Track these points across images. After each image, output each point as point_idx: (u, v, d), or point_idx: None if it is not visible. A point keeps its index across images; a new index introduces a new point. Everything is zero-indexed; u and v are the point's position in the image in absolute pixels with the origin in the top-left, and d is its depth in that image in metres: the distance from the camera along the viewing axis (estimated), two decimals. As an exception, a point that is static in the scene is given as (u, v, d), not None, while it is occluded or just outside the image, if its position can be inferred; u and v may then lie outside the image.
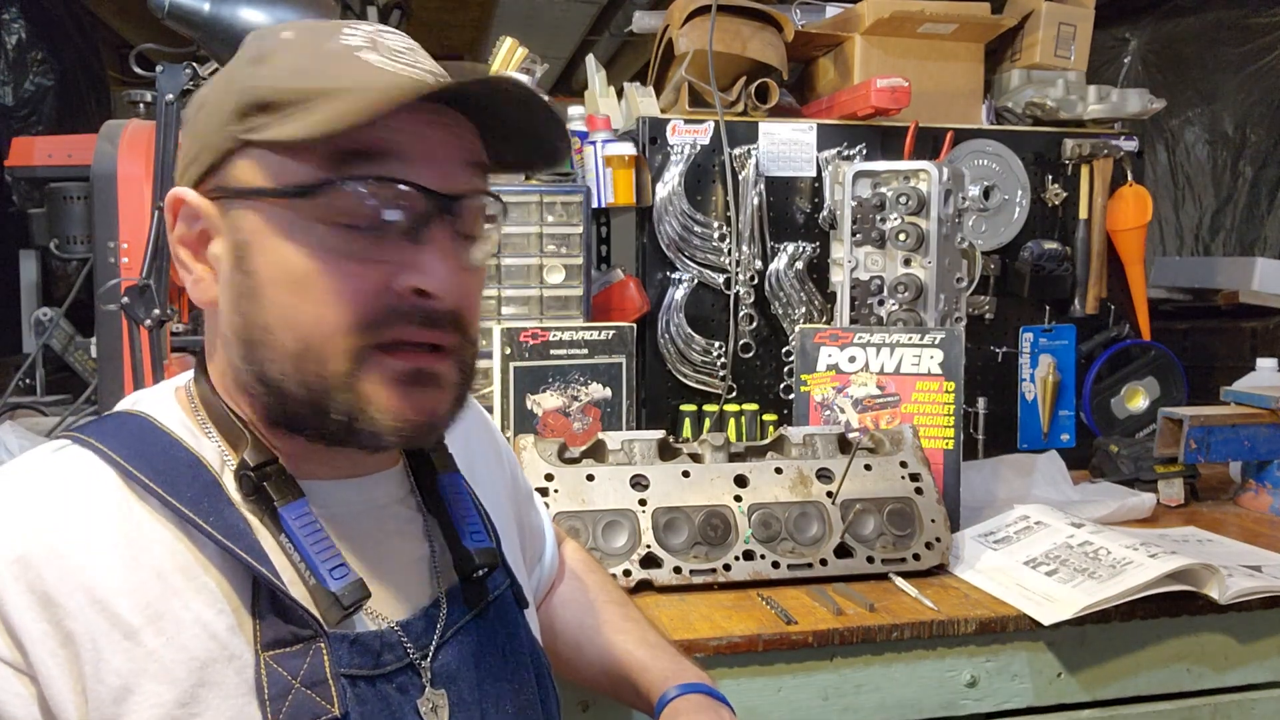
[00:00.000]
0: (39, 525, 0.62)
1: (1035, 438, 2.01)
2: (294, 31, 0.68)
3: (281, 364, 0.65)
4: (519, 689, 0.79)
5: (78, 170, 1.77)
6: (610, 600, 1.04)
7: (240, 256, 0.66)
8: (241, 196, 0.65)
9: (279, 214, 0.64)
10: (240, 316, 0.66)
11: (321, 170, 0.63)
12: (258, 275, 0.65)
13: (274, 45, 0.67)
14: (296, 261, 0.64)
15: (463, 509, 0.79)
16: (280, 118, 0.63)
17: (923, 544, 1.36)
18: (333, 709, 0.65)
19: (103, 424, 0.70)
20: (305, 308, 0.64)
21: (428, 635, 0.73)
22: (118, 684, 0.60)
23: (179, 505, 0.64)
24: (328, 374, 0.64)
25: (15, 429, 1.63)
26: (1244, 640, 1.31)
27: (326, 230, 0.64)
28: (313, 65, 0.64)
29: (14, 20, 2.61)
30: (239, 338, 0.66)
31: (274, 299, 0.64)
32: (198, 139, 0.68)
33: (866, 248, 1.66)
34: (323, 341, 0.64)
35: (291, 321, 0.64)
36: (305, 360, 0.64)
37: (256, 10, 1.25)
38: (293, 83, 0.63)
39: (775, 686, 1.19)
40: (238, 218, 0.66)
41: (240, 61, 0.68)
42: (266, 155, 0.64)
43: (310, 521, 0.68)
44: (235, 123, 0.65)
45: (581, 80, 2.10)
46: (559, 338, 1.65)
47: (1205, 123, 2.90)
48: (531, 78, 1.76)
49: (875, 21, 1.87)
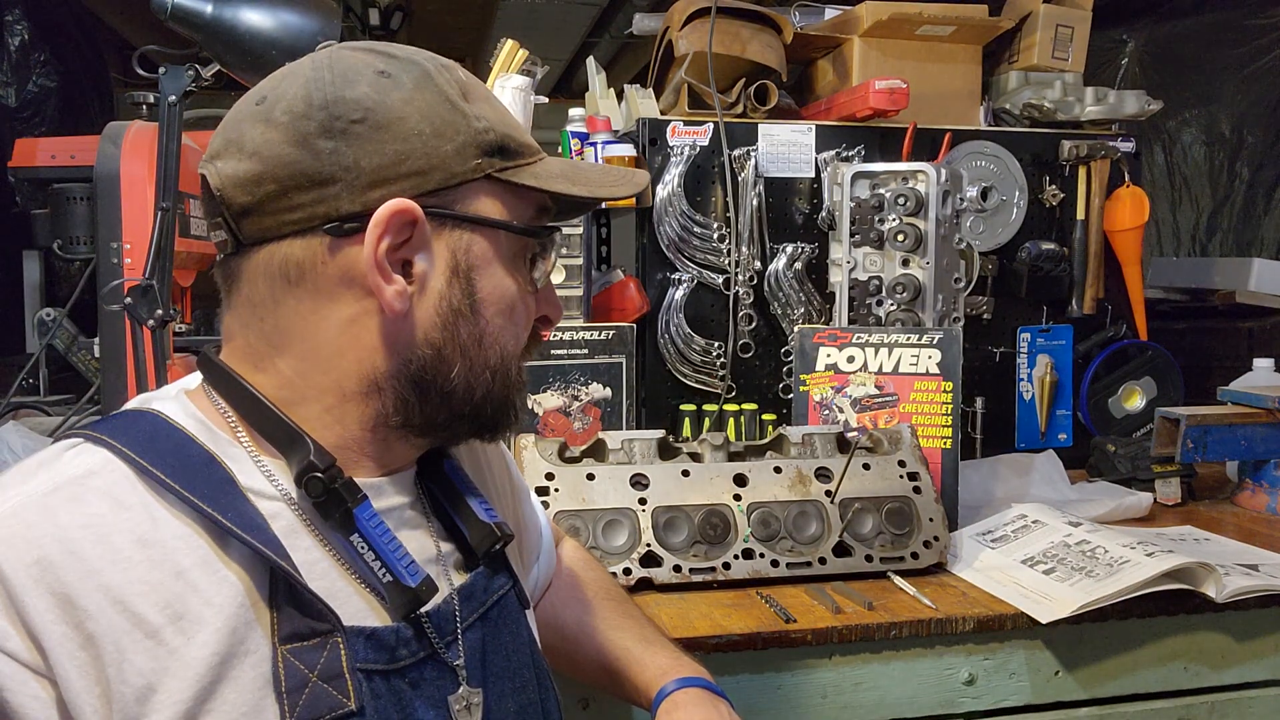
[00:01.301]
0: (57, 526, 0.62)
1: (1033, 437, 2.02)
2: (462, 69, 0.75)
3: (480, 375, 0.73)
4: (520, 688, 0.80)
5: (81, 171, 1.78)
6: (608, 597, 1.05)
7: (464, 276, 0.72)
8: (478, 224, 0.72)
9: (504, 246, 0.74)
10: (448, 330, 0.71)
11: (532, 217, 0.76)
12: (478, 296, 0.72)
13: (464, 80, 0.74)
14: (510, 289, 0.74)
15: (472, 491, 0.82)
16: (516, 164, 0.73)
17: (921, 543, 1.36)
18: (349, 703, 0.66)
19: (114, 421, 0.70)
20: (510, 329, 0.75)
21: (440, 632, 0.74)
22: (141, 683, 0.61)
23: (195, 500, 0.65)
24: (512, 384, 0.76)
25: (18, 429, 1.64)
26: (1241, 639, 1.32)
27: (525, 265, 0.76)
28: (509, 117, 0.75)
29: (17, 22, 2.62)
30: (433, 347, 0.71)
31: (489, 319, 0.73)
32: (425, 157, 0.68)
33: (865, 248, 1.67)
34: (513, 357, 0.76)
35: (499, 340, 0.74)
36: (501, 372, 0.75)
37: (258, 12, 1.25)
38: (516, 135, 0.74)
39: (774, 684, 1.20)
40: (466, 240, 0.72)
41: (446, 90, 0.71)
42: (505, 194, 0.73)
43: (380, 521, 0.71)
44: (479, 157, 0.71)
45: (582, 82, 2.11)
46: (559, 338, 1.66)
47: (1202, 124, 2.90)
48: (532, 80, 1.77)
49: (874, 23, 1.88)
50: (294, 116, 0.67)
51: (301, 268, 0.68)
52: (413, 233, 0.69)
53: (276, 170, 0.67)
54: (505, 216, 0.73)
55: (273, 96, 0.69)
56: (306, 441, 0.69)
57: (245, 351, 0.72)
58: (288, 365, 0.71)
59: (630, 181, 0.80)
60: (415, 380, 0.71)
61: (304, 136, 0.67)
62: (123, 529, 0.63)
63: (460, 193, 0.71)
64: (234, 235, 0.70)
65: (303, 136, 0.67)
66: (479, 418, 0.75)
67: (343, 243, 0.68)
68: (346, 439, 0.72)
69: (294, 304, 0.69)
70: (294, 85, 0.69)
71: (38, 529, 0.62)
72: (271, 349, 0.71)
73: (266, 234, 0.68)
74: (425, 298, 0.70)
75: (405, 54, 0.72)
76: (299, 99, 0.68)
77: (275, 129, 0.67)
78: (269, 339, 0.71)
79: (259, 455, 0.70)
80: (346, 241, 0.68)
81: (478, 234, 0.72)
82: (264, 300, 0.70)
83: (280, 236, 0.68)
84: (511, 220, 0.73)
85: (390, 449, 0.75)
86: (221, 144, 0.70)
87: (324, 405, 0.71)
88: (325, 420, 0.71)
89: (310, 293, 0.69)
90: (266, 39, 1.24)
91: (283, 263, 0.68)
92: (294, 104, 0.68)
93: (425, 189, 0.69)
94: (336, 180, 0.67)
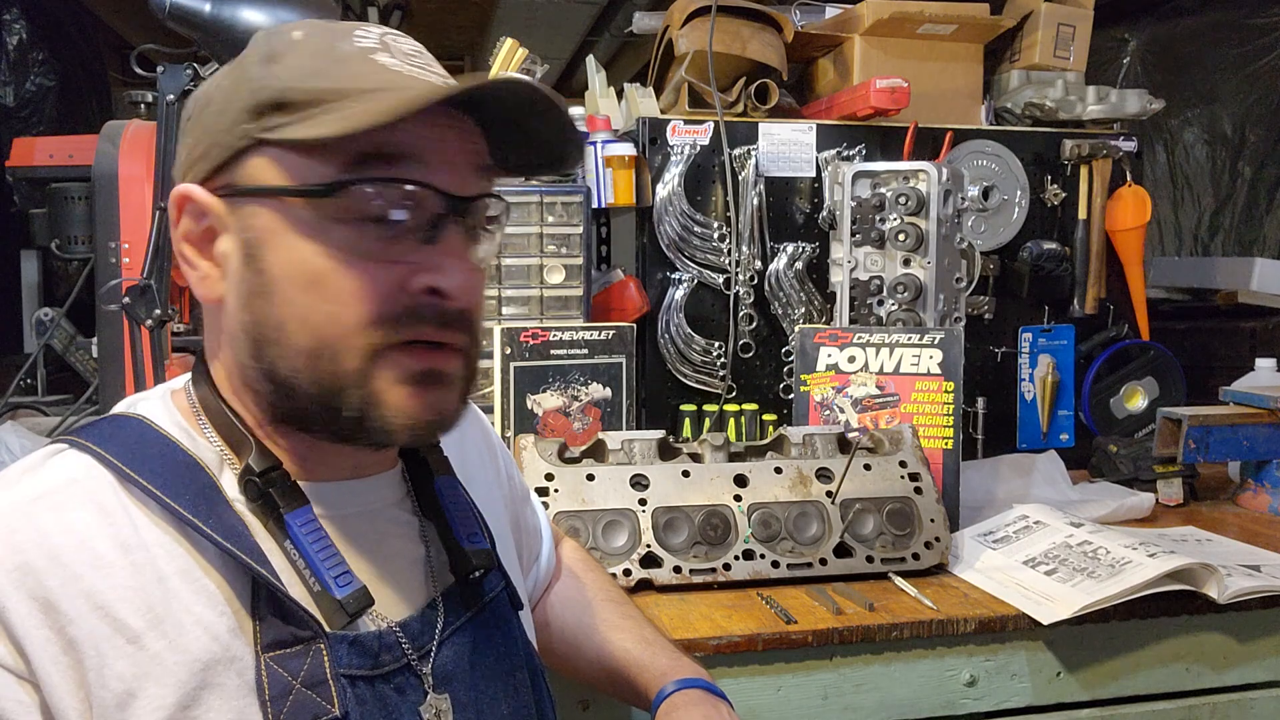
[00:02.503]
0: (39, 532, 0.62)
1: (1034, 437, 2.01)
2: (305, 32, 0.68)
3: (293, 361, 0.65)
4: (514, 691, 0.79)
5: (79, 170, 1.78)
6: (608, 598, 1.04)
7: (252, 254, 0.66)
8: (256, 195, 0.65)
9: (296, 213, 0.64)
10: (250, 314, 0.66)
11: (339, 171, 0.64)
12: (271, 273, 0.65)
13: (286, 45, 0.67)
14: (313, 260, 0.64)
15: (459, 511, 0.80)
16: (298, 118, 0.63)
17: (922, 543, 1.36)
18: (333, 709, 0.65)
19: (99, 427, 0.70)
20: (320, 306, 0.64)
21: (425, 637, 0.73)
22: (121, 689, 0.61)
23: (177, 508, 0.64)
24: (341, 371, 0.65)
25: (16, 429, 1.64)
26: (1243, 640, 1.32)
27: (343, 230, 0.64)
28: (328, 66, 0.65)
29: (15, 21, 2.62)
30: (248, 335, 0.66)
31: (288, 296, 0.64)
32: (205, 136, 0.67)
33: (866, 248, 1.66)
34: (337, 339, 0.64)
35: (305, 319, 0.64)
36: (319, 358, 0.65)
37: (257, 11, 1.25)
38: (309, 83, 0.64)
39: (775, 686, 1.19)
40: (249, 215, 0.66)
41: (250, 60, 0.67)
42: (284, 155, 0.64)
43: (315, 528, 0.69)
44: (249, 121, 0.65)
45: (582, 81, 2.10)
46: (559, 338, 1.65)
47: (1204, 123, 2.90)
48: (532, 79, 1.76)
49: (875, 22, 1.88)
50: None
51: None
52: (209, 216, 0.67)
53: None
54: (283, 180, 0.64)
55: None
56: (250, 442, 0.69)
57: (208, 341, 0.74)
58: (224, 353, 0.71)
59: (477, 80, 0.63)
60: (260, 371, 0.67)
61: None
62: (104, 535, 0.63)
63: (237, 164, 0.66)
64: None
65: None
66: (325, 410, 0.66)
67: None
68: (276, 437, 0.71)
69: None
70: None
71: (19, 535, 0.62)
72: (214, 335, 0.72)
73: None
74: (230, 281, 0.67)
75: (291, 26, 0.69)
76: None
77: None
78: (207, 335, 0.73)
79: (232, 457, 0.70)
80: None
81: (261, 205, 0.65)
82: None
83: None
84: (291, 183, 0.64)
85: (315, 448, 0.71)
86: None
87: (240, 402, 0.71)
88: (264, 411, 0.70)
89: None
90: (265, 38, 1.24)
91: None
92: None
93: (210, 170, 0.67)
94: (175, 180, 0.70)
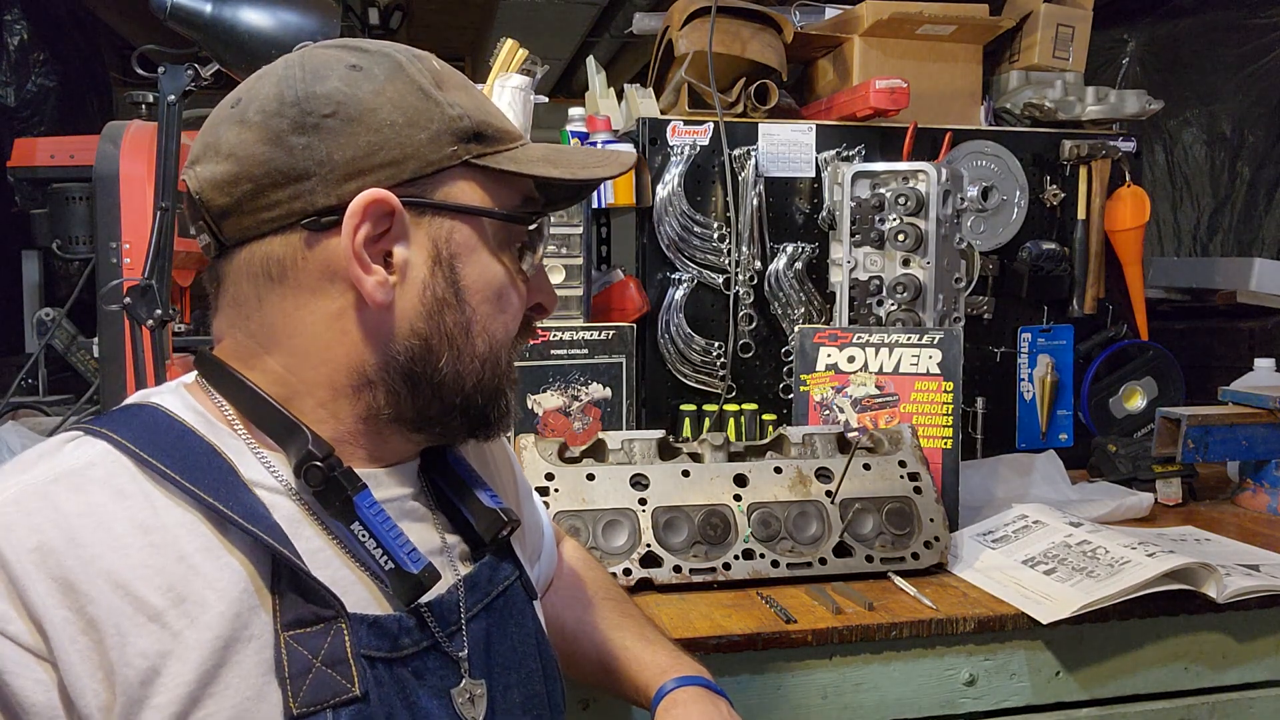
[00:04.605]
0: (57, 513, 0.62)
1: (1034, 437, 2.01)
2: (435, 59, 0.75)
3: (469, 364, 0.73)
4: (526, 678, 0.80)
5: (80, 171, 1.78)
6: (607, 597, 1.05)
7: (447, 265, 0.71)
8: (459, 212, 0.71)
9: (492, 233, 0.73)
10: (433, 320, 0.71)
11: (520, 203, 0.75)
12: (462, 284, 0.72)
13: (440, 72, 0.73)
14: (498, 276, 0.74)
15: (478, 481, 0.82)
16: (495, 149, 0.72)
17: (921, 543, 1.36)
18: (353, 688, 0.66)
19: (113, 416, 0.70)
20: (499, 316, 0.74)
21: (443, 622, 0.74)
22: (145, 666, 0.61)
23: (196, 490, 0.65)
24: (502, 375, 0.75)
25: (18, 429, 1.64)
26: (1242, 639, 1.32)
27: (513, 252, 0.75)
28: (485, 104, 0.74)
29: (16, 21, 2.62)
30: (422, 339, 0.71)
31: (476, 307, 0.73)
32: (397, 147, 0.68)
33: (865, 248, 1.66)
34: (502, 346, 0.75)
35: (487, 327, 0.73)
36: (490, 363, 0.74)
37: (258, 11, 1.25)
38: (494, 121, 0.73)
39: (774, 685, 1.20)
40: (447, 229, 0.71)
41: (411, 79, 0.70)
42: (487, 180, 0.73)
43: (380, 509, 0.71)
44: (455, 144, 0.70)
45: (582, 81, 2.10)
46: (559, 338, 1.65)
47: (1203, 123, 2.90)
48: (532, 79, 1.76)
49: (874, 23, 1.88)
50: (267, 115, 0.68)
51: (282, 265, 0.69)
52: (391, 223, 0.69)
53: (251, 169, 0.68)
54: (487, 203, 0.73)
55: (247, 98, 0.70)
56: (304, 432, 0.70)
57: (235, 351, 0.73)
58: (277, 362, 0.71)
59: (615, 161, 0.78)
60: (405, 372, 0.71)
61: (277, 134, 0.67)
62: (122, 517, 0.63)
63: (437, 180, 0.71)
64: (216, 238, 0.71)
65: (276, 134, 0.68)
66: (470, 409, 0.74)
67: (321, 237, 0.68)
68: (341, 432, 0.72)
69: (278, 301, 0.70)
70: (267, 85, 0.70)
71: (38, 516, 0.62)
72: (260, 348, 0.71)
73: (246, 234, 0.69)
74: (408, 288, 0.70)
75: (377, 47, 0.73)
76: (271, 98, 0.69)
77: (249, 129, 0.68)
78: (256, 338, 0.71)
79: (258, 448, 0.71)
80: (324, 235, 0.68)
81: (459, 221, 0.71)
82: (248, 300, 0.71)
83: (260, 235, 0.69)
84: (494, 207, 0.73)
85: (385, 442, 0.75)
86: (200, 149, 0.71)
87: (317, 400, 0.71)
88: (319, 415, 0.72)
89: (293, 289, 0.70)
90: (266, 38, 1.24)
91: (264, 261, 0.69)
92: (267, 103, 0.69)
93: (401, 178, 0.69)
94: (310, 175, 0.67)
